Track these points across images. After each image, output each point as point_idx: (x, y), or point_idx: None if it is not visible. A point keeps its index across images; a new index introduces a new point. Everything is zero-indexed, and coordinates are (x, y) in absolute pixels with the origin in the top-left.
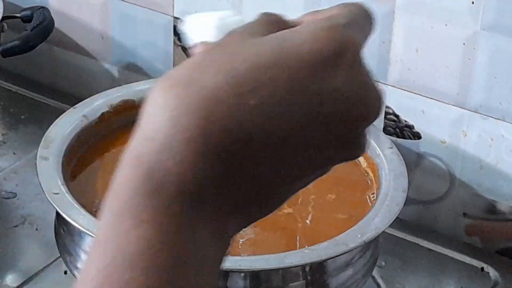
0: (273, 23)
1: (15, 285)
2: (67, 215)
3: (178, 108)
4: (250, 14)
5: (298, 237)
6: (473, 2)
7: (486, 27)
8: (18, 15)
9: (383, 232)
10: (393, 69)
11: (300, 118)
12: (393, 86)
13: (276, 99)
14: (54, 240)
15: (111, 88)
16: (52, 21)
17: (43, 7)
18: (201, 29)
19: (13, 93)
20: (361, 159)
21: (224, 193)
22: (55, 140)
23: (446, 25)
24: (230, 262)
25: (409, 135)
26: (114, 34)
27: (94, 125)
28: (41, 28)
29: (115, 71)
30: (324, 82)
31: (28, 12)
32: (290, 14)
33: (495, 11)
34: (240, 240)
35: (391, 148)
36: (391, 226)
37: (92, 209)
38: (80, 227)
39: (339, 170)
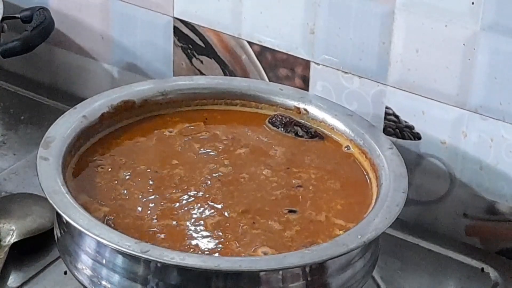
0: None
1: (16, 285)
2: (67, 215)
3: None
4: (251, 15)
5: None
6: (473, 3)
7: (486, 28)
8: (18, 15)
9: (383, 232)
10: (393, 70)
11: None
12: (393, 87)
13: None
14: (54, 240)
15: (111, 88)
16: (52, 22)
17: (43, 8)
18: None
19: (13, 94)
20: (361, 159)
21: None
22: (55, 140)
23: (446, 25)
24: (230, 262)
25: (409, 136)
26: (114, 34)
27: (94, 125)
28: (41, 28)
29: (115, 71)
30: None
31: (28, 13)
32: (290, 14)
33: (495, 12)
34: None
35: (391, 148)
36: (391, 226)
37: (92, 210)
38: (80, 228)
39: (339, 170)
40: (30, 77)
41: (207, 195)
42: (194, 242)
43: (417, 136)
